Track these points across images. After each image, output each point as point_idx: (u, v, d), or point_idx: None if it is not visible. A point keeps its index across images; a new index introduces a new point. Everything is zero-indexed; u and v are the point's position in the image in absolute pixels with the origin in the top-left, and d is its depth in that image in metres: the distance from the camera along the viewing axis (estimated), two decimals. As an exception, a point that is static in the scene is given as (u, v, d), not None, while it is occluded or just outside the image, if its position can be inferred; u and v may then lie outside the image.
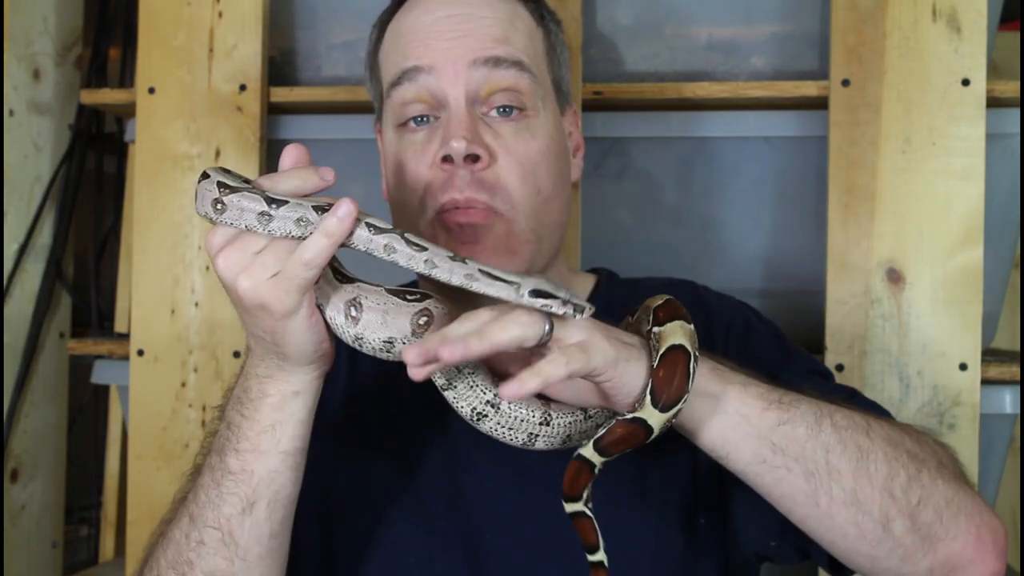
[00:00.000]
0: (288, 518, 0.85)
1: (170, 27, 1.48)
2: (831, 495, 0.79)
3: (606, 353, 0.72)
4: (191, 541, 0.84)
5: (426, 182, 0.95)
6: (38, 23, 1.76)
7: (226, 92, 1.46)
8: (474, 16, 0.97)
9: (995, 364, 1.33)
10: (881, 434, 0.81)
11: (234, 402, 0.84)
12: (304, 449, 0.84)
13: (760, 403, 0.79)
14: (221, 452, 0.83)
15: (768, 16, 1.43)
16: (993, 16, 1.37)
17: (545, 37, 1.03)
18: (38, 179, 1.78)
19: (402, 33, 1.00)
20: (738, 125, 1.41)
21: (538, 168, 0.96)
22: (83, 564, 1.98)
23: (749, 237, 1.43)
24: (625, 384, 0.74)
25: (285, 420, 0.81)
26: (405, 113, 0.98)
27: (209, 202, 0.76)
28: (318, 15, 1.52)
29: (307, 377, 0.81)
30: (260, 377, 0.81)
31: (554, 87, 1.03)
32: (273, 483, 0.82)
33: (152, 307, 1.47)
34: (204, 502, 0.83)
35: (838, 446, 0.79)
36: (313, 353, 0.79)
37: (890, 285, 1.32)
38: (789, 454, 0.78)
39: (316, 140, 1.51)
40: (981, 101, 1.31)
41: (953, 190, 1.31)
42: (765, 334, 1.04)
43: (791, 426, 0.78)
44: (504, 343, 0.70)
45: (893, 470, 0.79)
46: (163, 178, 1.47)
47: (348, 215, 0.73)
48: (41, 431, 1.79)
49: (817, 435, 0.79)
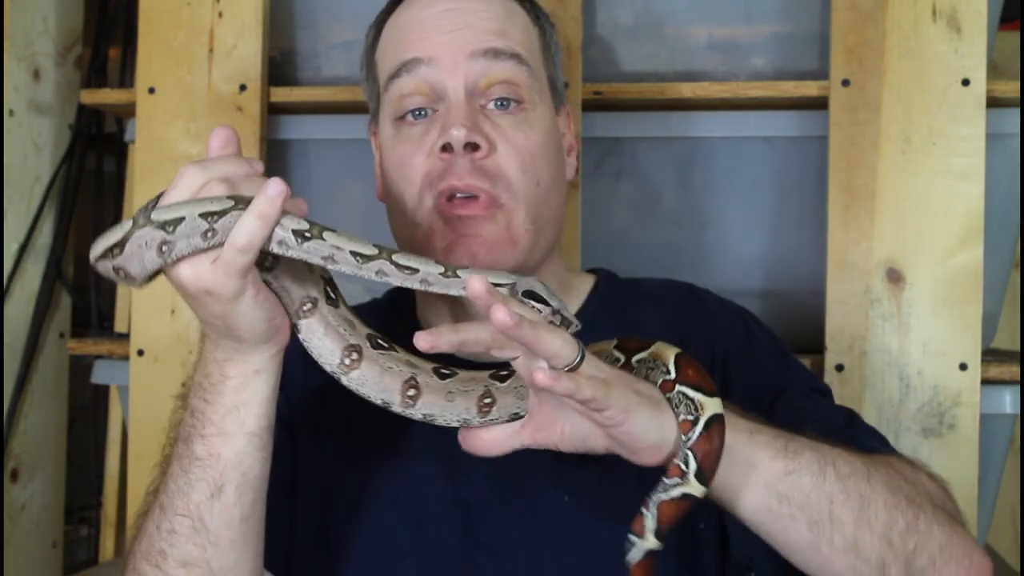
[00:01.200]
0: (259, 501, 0.85)
1: (170, 27, 1.48)
2: (832, 543, 0.80)
3: (625, 396, 0.73)
4: (162, 531, 0.84)
5: (424, 172, 0.95)
6: (38, 23, 1.76)
7: (226, 92, 1.46)
8: (472, 10, 0.97)
9: (995, 364, 1.33)
10: (881, 480, 0.82)
11: (195, 389, 0.84)
12: (270, 428, 0.83)
13: (768, 452, 0.80)
14: (187, 440, 0.83)
15: (768, 16, 1.43)
16: (993, 16, 1.37)
17: (540, 35, 1.03)
18: (38, 179, 1.78)
19: (400, 27, 1.00)
20: (738, 125, 1.41)
21: (537, 159, 0.96)
22: (83, 564, 1.98)
23: (749, 237, 1.43)
24: (637, 433, 0.74)
25: (248, 400, 0.81)
26: (403, 106, 0.98)
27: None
28: (318, 15, 1.52)
29: (266, 355, 0.80)
30: (219, 361, 0.81)
31: (550, 85, 1.03)
32: (240, 465, 0.82)
33: (152, 307, 1.47)
34: (173, 491, 0.83)
35: (841, 495, 0.80)
36: (266, 331, 0.78)
37: (890, 285, 1.32)
38: (794, 503, 0.79)
39: (316, 140, 1.51)
40: (981, 101, 1.31)
41: (953, 190, 1.31)
42: (766, 345, 1.04)
43: (797, 475, 0.79)
44: (545, 346, 0.70)
45: (892, 517, 0.81)
46: (163, 178, 1.47)
47: (278, 194, 0.72)
48: (41, 431, 1.79)
49: (821, 485, 0.80)
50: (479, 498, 0.95)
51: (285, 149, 1.51)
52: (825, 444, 0.83)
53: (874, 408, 1.31)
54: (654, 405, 0.76)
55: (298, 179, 1.51)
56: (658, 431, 0.75)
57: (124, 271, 0.75)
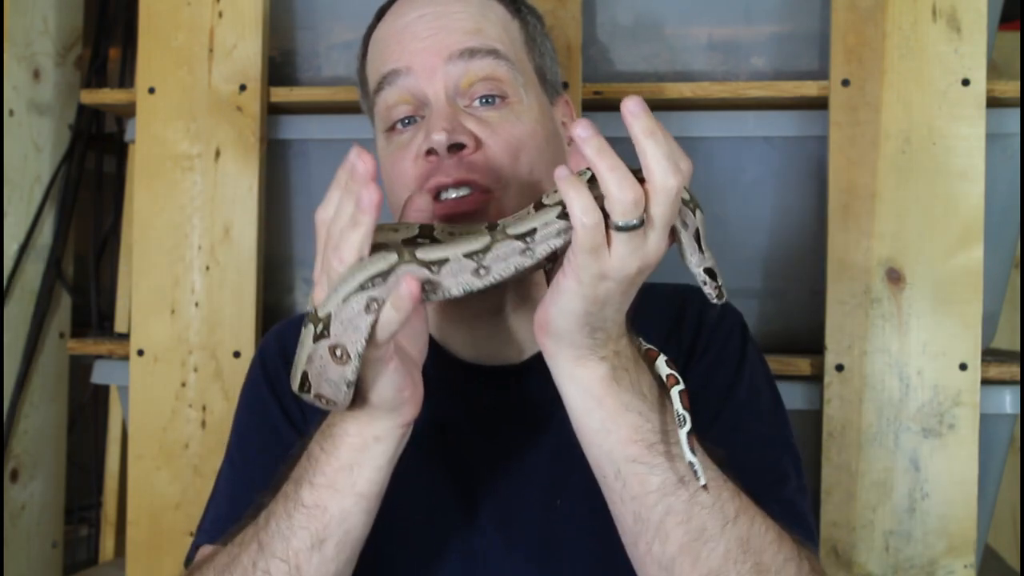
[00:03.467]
0: (352, 559, 0.84)
1: (170, 27, 1.48)
2: (651, 549, 0.78)
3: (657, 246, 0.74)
4: (258, 570, 0.82)
5: (414, 176, 0.95)
6: (38, 23, 1.76)
7: (226, 92, 1.46)
8: (446, 13, 0.97)
9: (995, 364, 1.33)
10: (738, 535, 0.79)
11: (319, 435, 0.83)
12: (380, 495, 0.82)
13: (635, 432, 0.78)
14: (298, 482, 0.82)
15: (768, 16, 1.43)
16: (993, 16, 1.37)
17: (522, 27, 1.02)
18: (38, 179, 1.78)
19: (380, 40, 1.01)
20: (738, 125, 1.41)
21: (528, 148, 0.96)
22: (83, 564, 1.98)
23: (749, 237, 1.43)
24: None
25: (363, 462, 0.80)
26: (391, 117, 0.98)
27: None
28: (318, 15, 1.52)
29: (389, 424, 0.79)
30: (344, 415, 0.80)
31: (538, 76, 1.02)
32: (344, 522, 0.81)
33: (152, 307, 1.47)
34: (274, 531, 0.82)
35: (681, 515, 0.78)
36: (393, 400, 0.77)
37: (890, 285, 1.32)
38: (628, 489, 0.78)
39: (316, 140, 1.51)
40: (981, 101, 1.31)
41: (953, 190, 1.31)
42: (756, 383, 1.02)
43: (647, 469, 0.78)
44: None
45: (724, 570, 0.78)
46: (163, 178, 1.47)
47: (409, 295, 0.70)
48: (41, 431, 1.79)
49: (666, 497, 0.78)
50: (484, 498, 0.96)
51: (285, 149, 1.51)
52: (730, 481, 0.80)
53: (874, 408, 1.31)
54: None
55: (298, 179, 1.52)
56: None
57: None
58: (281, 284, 1.53)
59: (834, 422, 1.32)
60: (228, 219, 1.45)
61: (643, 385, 0.79)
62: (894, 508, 1.30)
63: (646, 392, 0.79)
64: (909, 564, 1.30)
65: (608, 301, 0.74)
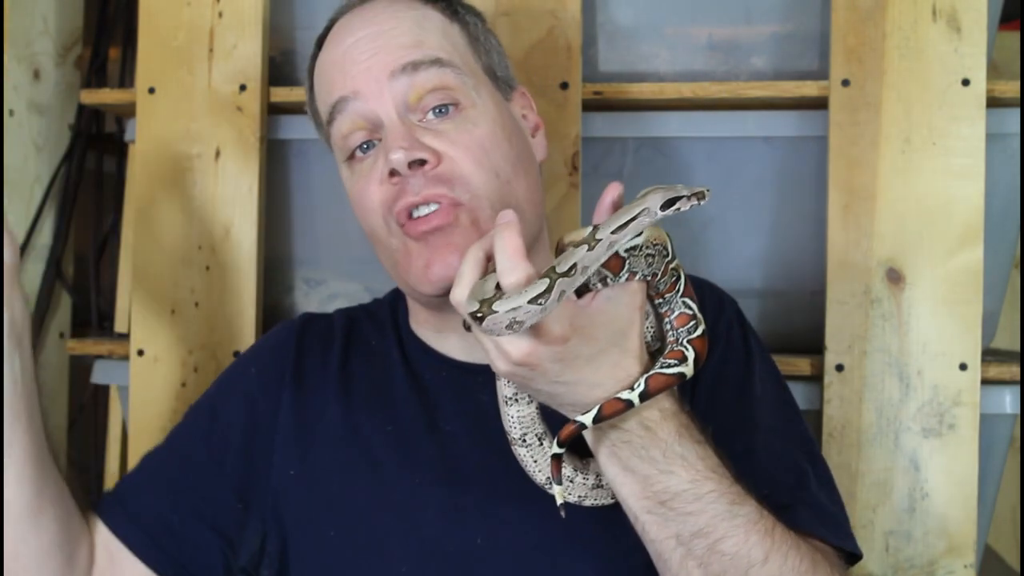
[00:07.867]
0: None
1: (170, 27, 1.48)
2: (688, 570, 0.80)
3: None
4: None
5: (380, 200, 0.95)
6: (38, 23, 1.76)
7: (226, 92, 1.46)
8: (382, 32, 0.97)
9: (995, 364, 1.33)
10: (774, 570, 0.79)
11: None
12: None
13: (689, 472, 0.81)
14: None
15: (768, 16, 1.43)
16: (993, 16, 1.37)
17: (463, 30, 1.02)
18: (38, 179, 1.78)
19: (323, 71, 1.02)
20: (738, 125, 1.41)
21: (490, 152, 0.96)
22: (83, 564, 1.98)
23: (749, 237, 1.43)
24: None
25: None
26: (348, 145, 0.98)
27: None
28: (318, 15, 1.51)
29: None
30: None
31: (488, 75, 1.02)
32: None
33: (152, 307, 1.47)
34: None
35: (700, 560, 0.79)
36: None
37: (890, 285, 1.32)
38: (647, 533, 0.82)
39: (316, 140, 1.50)
40: (981, 101, 1.31)
41: (953, 190, 1.31)
42: (768, 387, 1.03)
43: (661, 519, 0.81)
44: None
45: None
46: (163, 178, 1.47)
47: None
48: (41, 431, 1.79)
49: (680, 545, 0.80)
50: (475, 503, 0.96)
51: (285, 149, 1.51)
52: (749, 511, 0.81)
53: (874, 408, 1.31)
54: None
55: (298, 179, 1.51)
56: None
57: None
58: (281, 284, 1.53)
59: (834, 422, 1.32)
60: (228, 219, 1.45)
61: (655, 451, 0.80)
62: (894, 508, 1.30)
63: (658, 457, 0.80)
64: (909, 564, 1.30)
65: (523, 387, 0.81)
